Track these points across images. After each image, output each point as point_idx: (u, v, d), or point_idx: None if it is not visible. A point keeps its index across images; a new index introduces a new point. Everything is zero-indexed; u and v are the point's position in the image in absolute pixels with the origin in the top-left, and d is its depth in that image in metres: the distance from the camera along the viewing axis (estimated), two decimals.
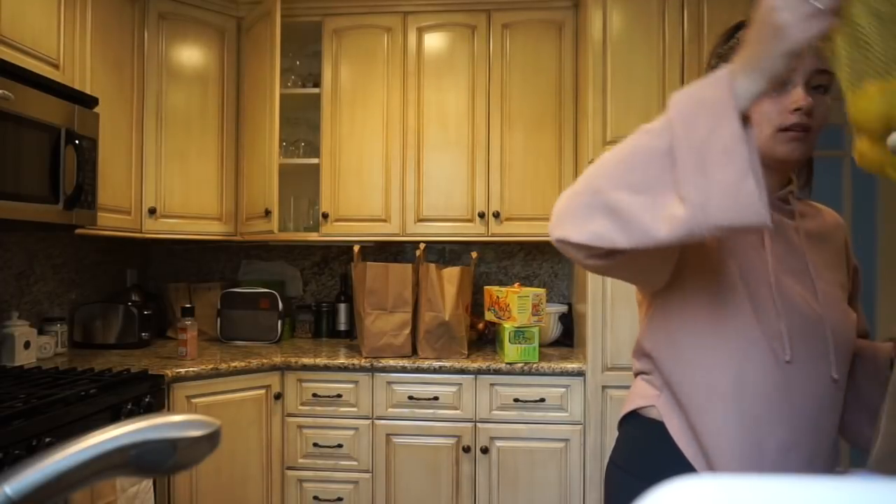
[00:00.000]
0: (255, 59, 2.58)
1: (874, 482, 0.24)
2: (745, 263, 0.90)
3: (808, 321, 0.88)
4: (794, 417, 0.85)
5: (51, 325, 2.33)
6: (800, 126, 0.88)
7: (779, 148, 0.91)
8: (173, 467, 0.42)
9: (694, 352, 0.90)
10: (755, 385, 0.86)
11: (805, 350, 0.87)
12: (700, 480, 0.25)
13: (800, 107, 0.87)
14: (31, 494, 0.37)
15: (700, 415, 0.89)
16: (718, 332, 0.88)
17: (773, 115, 0.90)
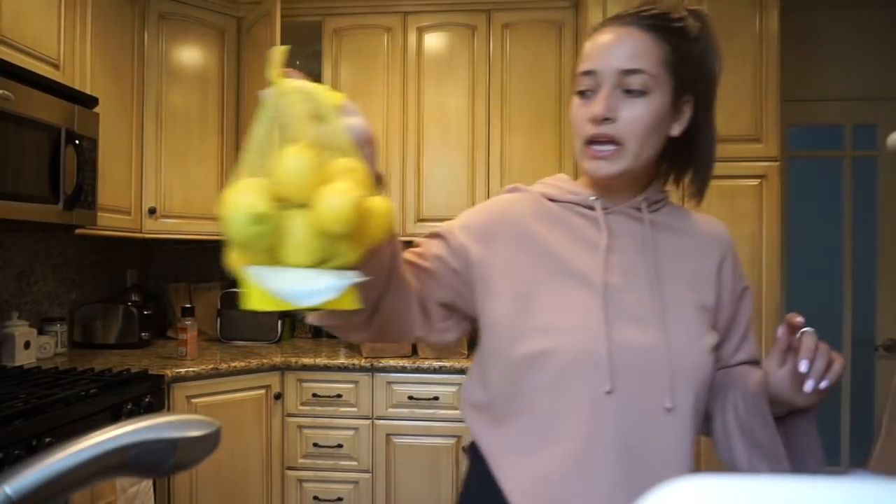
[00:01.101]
0: (255, 59, 2.57)
1: (874, 482, 0.24)
2: (571, 290, 0.81)
3: (642, 348, 0.79)
4: (621, 455, 0.77)
5: (51, 325, 2.33)
6: (603, 137, 0.80)
7: (586, 164, 0.83)
8: (173, 467, 0.42)
9: (507, 388, 0.83)
10: (574, 420, 0.78)
11: (634, 379, 0.78)
12: (700, 480, 0.25)
13: (592, 115, 0.79)
14: (31, 494, 0.37)
15: (517, 456, 0.82)
16: (531, 366, 0.80)
17: (579, 124, 0.82)
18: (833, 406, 2.83)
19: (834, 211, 2.88)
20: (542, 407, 0.80)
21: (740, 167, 2.27)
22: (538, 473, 0.80)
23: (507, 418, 0.84)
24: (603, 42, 0.81)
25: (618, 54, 0.80)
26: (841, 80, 2.84)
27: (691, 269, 0.87)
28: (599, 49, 0.81)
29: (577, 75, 0.83)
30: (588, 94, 0.82)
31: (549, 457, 0.79)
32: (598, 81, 0.80)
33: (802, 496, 0.24)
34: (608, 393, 0.77)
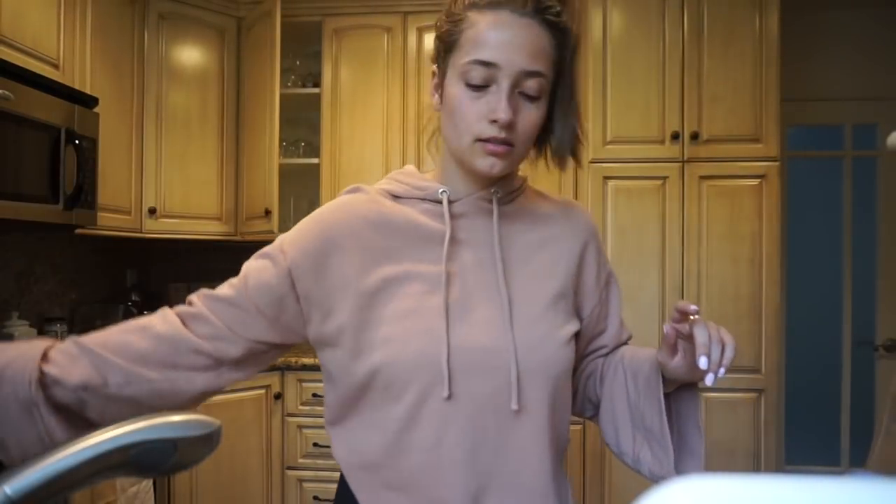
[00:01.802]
0: (255, 59, 2.58)
1: (874, 482, 0.24)
2: (413, 293, 0.77)
3: (485, 349, 0.76)
4: (470, 460, 0.75)
5: (51, 325, 2.32)
6: (499, 140, 0.74)
7: (478, 161, 0.76)
8: (173, 467, 0.42)
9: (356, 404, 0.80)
10: (419, 430, 0.75)
11: (476, 382, 0.75)
12: (700, 480, 0.25)
13: (496, 118, 0.73)
14: (31, 494, 0.37)
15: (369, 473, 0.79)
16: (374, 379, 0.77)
17: (470, 119, 0.75)
18: (833, 406, 2.83)
19: (834, 211, 2.88)
20: (389, 420, 0.77)
21: (740, 167, 2.27)
22: (391, 487, 0.78)
23: (359, 434, 0.81)
24: (506, 35, 0.73)
25: (521, 52, 0.72)
26: (841, 80, 2.84)
27: (547, 259, 0.84)
28: (503, 41, 0.72)
29: (470, 62, 0.73)
30: (481, 89, 0.74)
31: (399, 470, 0.77)
32: (494, 76, 0.73)
33: (802, 496, 0.24)
34: (448, 399, 0.74)
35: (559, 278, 0.84)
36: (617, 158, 2.22)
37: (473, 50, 0.73)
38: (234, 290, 0.84)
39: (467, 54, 0.74)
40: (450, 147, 0.81)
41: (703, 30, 2.25)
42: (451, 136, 0.78)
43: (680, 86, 2.26)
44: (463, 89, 0.75)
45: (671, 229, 2.28)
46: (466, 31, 0.75)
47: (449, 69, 0.77)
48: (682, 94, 2.26)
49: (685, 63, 2.25)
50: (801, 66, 2.78)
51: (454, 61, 0.76)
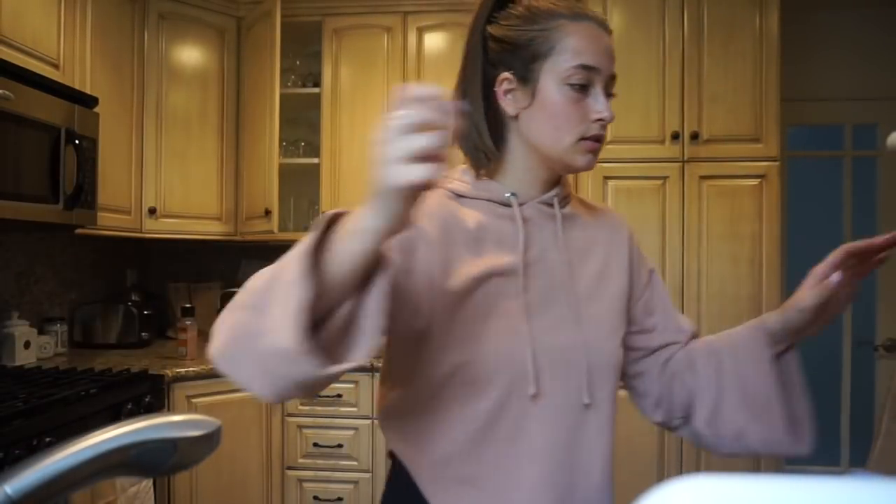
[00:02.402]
0: (255, 59, 2.58)
1: (874, 482, 0.24)
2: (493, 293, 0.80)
3: (562, 347, 0.81)
4: (546, 454, 0.79)
5: (51, 325, 2.33)
6: (601, 138, 0.83)
7: (578, 158, 0.82)
8: (173, 467, 0.42)
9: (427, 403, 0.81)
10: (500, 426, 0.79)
11: (556, 379, 0.80)
12: (700, 480, 0.25)
13: (603, 118, 0.82)
14: (31, 494, 0.37)
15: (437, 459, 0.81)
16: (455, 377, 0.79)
17: (574, 120, 0.80)
18: (833, 406, 2.83)
19: (834, 211, 2.88)
20: (472, 416, 0.79)
21: (740, 167, 2.27)
22: (463, 481, 0.80)
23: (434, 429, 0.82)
24: (601, 41, 0.82)
25: (610, 58, 0.83)
26: (841, 80, 2.84)
27: (602, 260, 0.88)
28: (600, 48, 0.82)
29: (575, 66, 0.79)
30: (582, 90, 0.81)
31: (476, 464, 0.79)
32: (592, 79, 0.81)
33: (802, 496, 0.24)
34: (534, 396, 0.78)
35: (615, 279, 0.89)
36: (617, 158, 2.22)
37: (575, 56, 0.80)
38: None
39: (568, 60, 0.80)
40: (542, 147, 0.83)
41: (703, 30, 2.25)
42: (548, 136, 0.81)
43: (680, 86, 2.26)
44: (566, 92, 0.80)
45: (671, 229, 2.28)
46: (564, 39, 0.80)
47: (543, 74, 0.81)
48: (682, 94, 2.26)
49: (685, 63, 2.25)
50: (801, 66, 2.78)
51: (550, 67, 0.80)
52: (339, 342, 0.64)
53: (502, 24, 0.83)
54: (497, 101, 0.84)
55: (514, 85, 0.82)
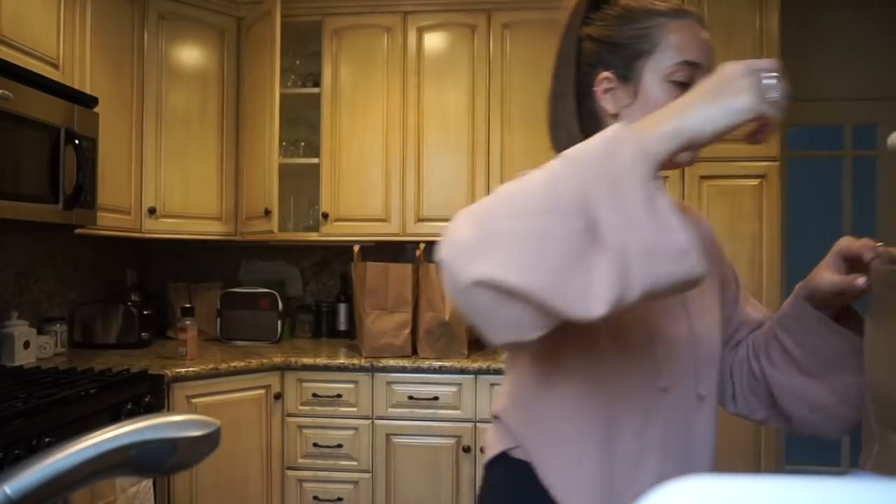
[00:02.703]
0: (255, 59, 2.58)
1: (874, 482, 0.24)
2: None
3: (680, 341, 0.83)
4: (666, 446, 0.82)
5: (50, 325, 2.33)
6: None
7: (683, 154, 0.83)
8: (173, 467, 0.42)
9: (564, 387, 0.83)
10: (628, 419, 0.81)
11: (677, 373, 0.83)
12: (700, 480, 0.25)
13: None
14: (31, 494, 0.37)
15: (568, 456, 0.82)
16: (593, 366, 0.81)
17: None
18: None
19: (834, 211, 2.88)
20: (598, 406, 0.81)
21: (740, 167, 2.27)
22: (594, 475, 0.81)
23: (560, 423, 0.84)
24: (702, 38, 0.83)
25: (711, 54, 0.83)
26: (841, 80, 2.84)
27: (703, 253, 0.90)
28: (701, 44, 0.82)
29: (679, 63, 0.80)
30: (683, 87, 0.80)
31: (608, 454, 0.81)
32: (694, 76, 0.81)
33: (802, 496, 0.24)
34: (663, 390, 0.81)
35: (714, 273, 0.91)
36: None
37: (678, 53, 0.81)
38: None
39: (671, 58, 0.81)
40: None
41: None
42: None
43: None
44: (670, 89, 0.81)
45: None
46: (666, 37, 0.81)
47: (645, 72, 0.82)
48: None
49: None
50: (801, 65, 2.78)
51: (653, 65, 0.82)
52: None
53: (599, 24, 0.84)
54: (595, 100, 0.85)
55: (615, 84, 0.84)
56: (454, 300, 0.64)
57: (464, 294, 0.61)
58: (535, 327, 0.60)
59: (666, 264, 0.57)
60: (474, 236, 0.60)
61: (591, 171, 0.58)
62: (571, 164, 0.60)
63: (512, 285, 0.57)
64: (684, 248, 0.57)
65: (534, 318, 0.60)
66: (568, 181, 0.59)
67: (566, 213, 0.57)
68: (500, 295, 0.59)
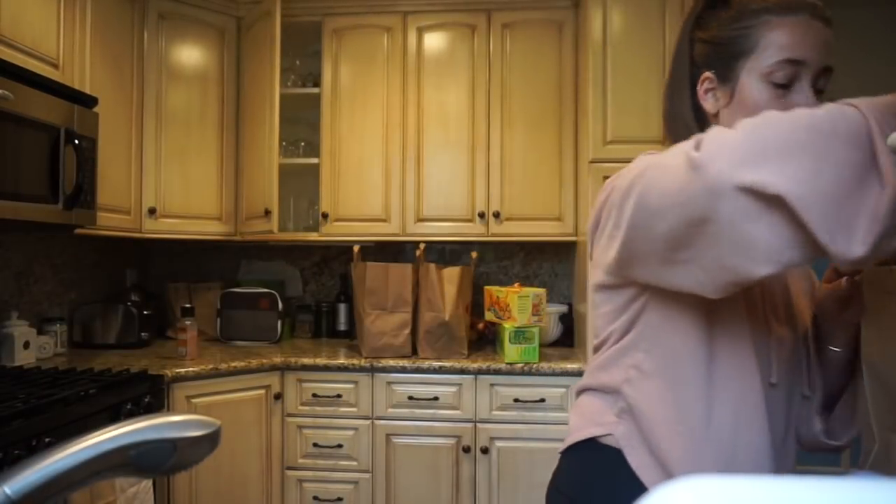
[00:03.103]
0: (255, 58, 2.58)
1: (874, 482, 0.24)
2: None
3: (787, 339, 0.84)
4: (766, 441, 0.82)
5: (50, 325, 2.33)
6: None
7: None
8: (173, 467, 0.42)
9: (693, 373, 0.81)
10: (742, 413, 0.80)
11: (785, 370, 0.83)
12: (700, 480, 0.25)
13: None
14: (31, 494, 0.37)
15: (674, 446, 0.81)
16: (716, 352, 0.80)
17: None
18: None
19: None
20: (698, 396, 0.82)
21: None
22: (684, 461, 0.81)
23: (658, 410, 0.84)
24: (814, 35, 0.78)
25: (822, 50, 0.78)
26: (840, 81, 2.84)
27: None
28: (809, 41, 0.77)
29: (779, 62, 0.77)
30: (784, 88, 0.78)
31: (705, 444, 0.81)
32: (798, 74, 0.78)
33: (802, 496, 0.24)
34: (772, 385, 0.81)
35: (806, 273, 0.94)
36: (617, 158, 2.22)
37: (780, 51, 0.77)
38: None
39: (772, 56, 0.78)
40: None
41: None
42: None
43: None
44: (768, 89, 0.79)
45: None
46: (769, 35, 0.78)
47: (743, 72, 0.81)
48: None
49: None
50: None
51: (752, 64, 0.80)
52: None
53: (709, 25, 0.85)
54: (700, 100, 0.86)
55: (715, 84, 0.84)
56: (691, 212, 0.60)
57: (716, 197, 0.57)
58: (772, 258, 0.57)
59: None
60: (747, 140, 0.57)
61: (880, 112, 0.56)
62: (858, 104, 0.58)
63: (781, 193, 0.54)
64: None
65: (780, 245, 0.57)
66: (853, 116, 0.56)
67: (847, 141, 0.55)
68: (760, 204, 0.56)
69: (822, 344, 0.86)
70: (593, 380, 0.91)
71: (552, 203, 2.56)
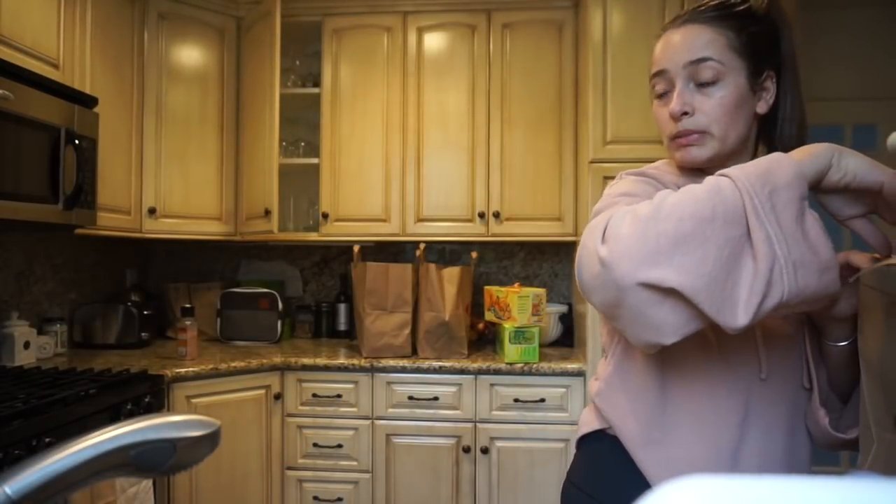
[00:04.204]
0: (255, 59, 2.58)
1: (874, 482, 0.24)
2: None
3: (778, 330, 0.85)
4: (766, 434, 0.83)
5: (50, 325, 2.33)
6: (686, 132, 0.85)
7: (675, 155, 0.90)
8: (173, 467, 0.42)
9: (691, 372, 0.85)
10: (727, 407, 0.83)
11: (778, 364, 0.85)
12: (700, 480, 0.25)
13: (672, 112, 0.85)
14: (31, 494, 0.37)
15: (676, 440, 0.84)
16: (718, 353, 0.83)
17: (663, 124, 0.89)
18: None
19: None
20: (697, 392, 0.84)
21: None
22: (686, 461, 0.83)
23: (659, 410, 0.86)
24: (667, 43, 0.87)
25: (682, 50, 0.84)
26: (841, 80, 2.84)
27: None
28: (665, 50, 0.87)
29: (651, 79, 0.89)
30: (665, 95, 0.87)
31: (705, 444, 0.83)
32: (670, 80, 0.86)
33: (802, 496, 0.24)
34: (763, 380, 0.83)
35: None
36: (617, 158, 2.22)
37: (650, 69, 0.89)
38: None
39: (650, 75, 0.90)
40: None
41: None
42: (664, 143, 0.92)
43: None
44: (655, 103, 0.90)
45: None
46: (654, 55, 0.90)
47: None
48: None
49: None
50: (802, 65, 2.77)
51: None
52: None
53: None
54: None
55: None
56: (606, 297, 0.68)
57: (622, 292, 0.66)
58: (677, 332, 0.67)
59: (809, 277, 0.63)
60: (644, 238, 0.65)
61: (752, 185, 0.64)
62: (735, 177, 0.66)
63: (674, 286, 0.63)
64: (828, 265, 0.63)
65: (681, 322, 0.66)
66: (729, 193, 0.65)
67: (725, 222, 0.63)
68: (657, 295, 0.65)
69: (821, 339, 0.86)
70: (604, 383, 0.96)
71: (552, 203, 2.56)
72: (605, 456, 0.91)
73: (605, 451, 0.91)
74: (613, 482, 0.89)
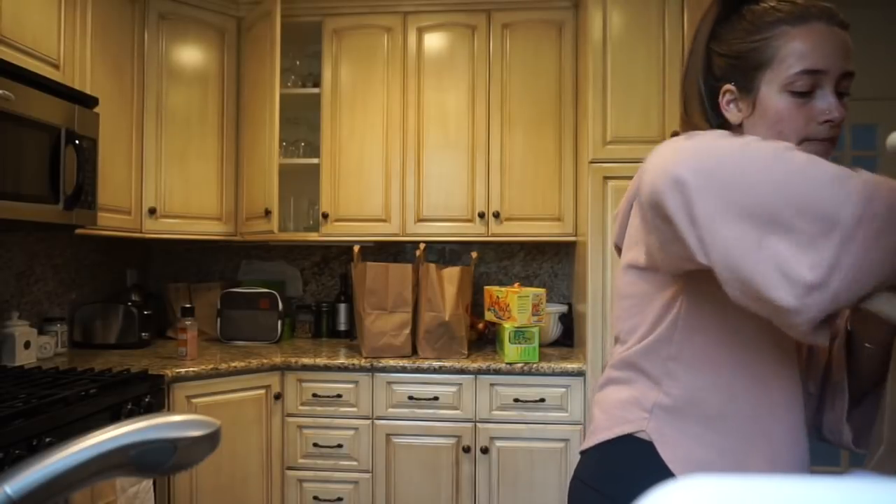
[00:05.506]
0: (255, 59, 2.58)
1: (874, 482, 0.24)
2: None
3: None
4: (784, 428, 0.83)
5: (51, 325, 2.33)
6: (829, 139, 0.81)
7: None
8: (173, 467, 0.42)
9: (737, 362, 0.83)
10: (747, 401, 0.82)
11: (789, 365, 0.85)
12: (700, 481, 0.25)
13: (832, 119, 0.79)
14: (31, 494, 0.37)
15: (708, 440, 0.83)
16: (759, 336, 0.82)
17: (799, 123, 0.81)
18: None
19: None
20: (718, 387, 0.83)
21: None
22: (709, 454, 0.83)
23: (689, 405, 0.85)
24: (832, 41, 0.80)
25: (841, 56, 0.79)
26: None
27: None
28: (828, 48, 0.79)
29: (795, 73, 0.79)
30: (806, 95, 0.80)
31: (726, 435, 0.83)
32: (819, 82, 0.79)
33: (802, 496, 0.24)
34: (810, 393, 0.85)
35: None
36: (617, 158, 2.22)
37: (799, 61, 0.79)
38: None
39: (791, 67, 0.80)
40: None
41: None
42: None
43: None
44: (788, 99, 0.81)
45: None
46: (787, 46, 0.80)
47: (763, 84, 0.82)
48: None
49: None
50: None
51: (772, 76, 0.81)
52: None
53: (726, 38, 0.86)
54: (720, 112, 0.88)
55: (736, 95, 0.86)
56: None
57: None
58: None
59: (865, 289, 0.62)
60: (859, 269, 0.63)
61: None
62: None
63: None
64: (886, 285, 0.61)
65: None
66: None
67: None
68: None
69: (858, 341, 0.86)
70: (621, 372, 0.91)
71: (552, 203, 2.56)
72: (628, 458, 0.88)
73: (629, 452, 0.88)
74: (637, 484, 0.86)
